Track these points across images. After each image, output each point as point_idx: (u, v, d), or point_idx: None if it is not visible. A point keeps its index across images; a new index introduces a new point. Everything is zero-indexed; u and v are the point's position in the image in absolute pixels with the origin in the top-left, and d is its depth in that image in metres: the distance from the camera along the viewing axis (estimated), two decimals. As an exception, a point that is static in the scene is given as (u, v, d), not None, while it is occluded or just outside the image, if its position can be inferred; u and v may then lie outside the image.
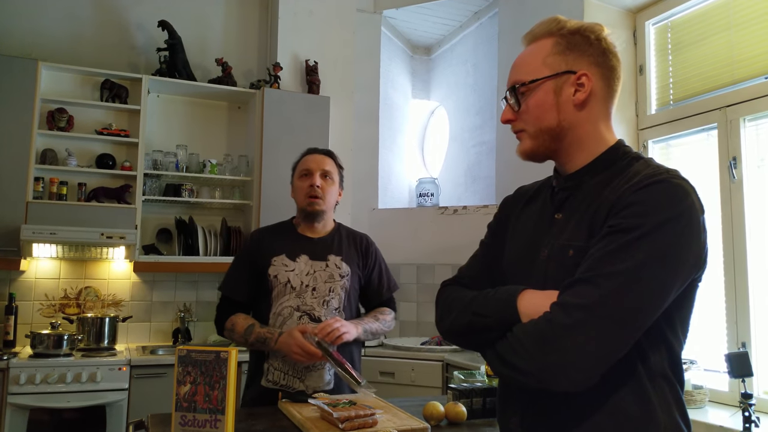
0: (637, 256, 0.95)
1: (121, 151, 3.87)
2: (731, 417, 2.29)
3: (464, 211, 4.26)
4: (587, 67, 1.11)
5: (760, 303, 2.48)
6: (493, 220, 1.36)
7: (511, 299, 1.08)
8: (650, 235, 0.96)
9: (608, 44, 1.13)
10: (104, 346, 3.50)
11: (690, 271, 1.01)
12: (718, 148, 2.68)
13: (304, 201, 2.19)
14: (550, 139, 1.14)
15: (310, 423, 1.63)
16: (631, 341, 0.98)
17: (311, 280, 2.13)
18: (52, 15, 3.88)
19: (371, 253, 2.30)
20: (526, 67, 1.16)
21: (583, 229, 1.07)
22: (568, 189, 1.16)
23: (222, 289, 2.21)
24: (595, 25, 1.15)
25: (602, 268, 0.97)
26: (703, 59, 2.88)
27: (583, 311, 0.96)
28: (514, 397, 1.16)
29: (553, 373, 0.97)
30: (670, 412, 1.04)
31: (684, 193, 1.00)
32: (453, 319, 1.18)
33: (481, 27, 4.69)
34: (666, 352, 1.05)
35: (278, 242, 2.19)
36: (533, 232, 1.20)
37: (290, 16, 4.30)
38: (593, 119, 1.13)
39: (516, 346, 1.02)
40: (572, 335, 0.96)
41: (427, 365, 3.55)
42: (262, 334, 2.03)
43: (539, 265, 1.13)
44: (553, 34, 1.15)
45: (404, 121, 5.11)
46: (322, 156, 2.26)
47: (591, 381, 0.97)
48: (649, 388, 1.03)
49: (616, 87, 1.15)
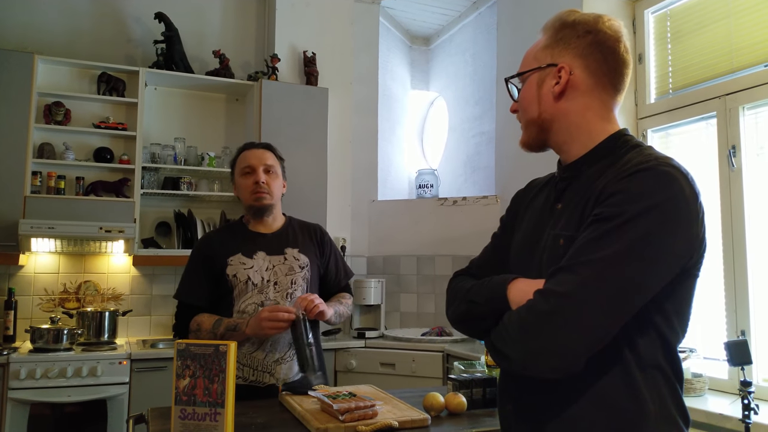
0: (617, 243, 0.96)
1: (118, 144, 3.85)
2: (731, 405, 2.29)
3: (464, 202, 4.25)
4: (570, 60, 1.13)
5: (760, 291, 2.48)
6: (505, 213, 1.39)
7: (501, 287, 1.11)
8: (631, 222, 0.96)
9: (602, 38, 1.12)
10: (104, 340, 3.50)
11: (677, 260, 1.00)
12: (718, 136, 2.67)
13: (250, 198, 2.17)
14: (537, 130, 1.18)
15: (310, 415, 1.63)
16: (613, 328, 0.98)
17: (271, 274, 2.13)
18: (48, 8, 3.85)
19: (326, 243, 2.31)
20: (524, 60, 1.21)
21: (575, 218, 1.08)
22: (567, 179, 1.17)
23: (178, 296, 2.16)
24: (590, 16, 1.14)
25: (582, 256, 0.98)
26: (702, 48, 2.87)
27: (560, 298, 0.97)
28: (509, 384, 1.19)
29: (535, 359, 0.99)
30: (663, 403, 1.04)
31: (670, 180, 0.98)
32: (455, 307, 1.23)
33: (480, 17, 4.67)
34: (659, 342, 1.04)
35: (231, 242, 2.17)
36: (536, 222, 1.22)
37: (288, 7, 4.28)
38: (578, 110, 1.14)
39: (503, 333, 1.05)
40: (550, 322, 0.97)
41: (427, 356, 3.55)
42: (231, 322, 2.03)
43: (537, 254, 1.15)
44: (549, 28, 1.18)
45: (403, 112, 5.10)
46: (262, 150, 2.23)
47: (574, 368, 0.98)
48: (638, 377, 1.02)
49: (611, 81, 1.14)
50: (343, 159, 4.40)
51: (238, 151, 2.27)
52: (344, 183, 4.41)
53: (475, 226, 4.15)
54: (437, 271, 4.25)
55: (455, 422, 1.73)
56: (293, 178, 2.52)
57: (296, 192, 3.55)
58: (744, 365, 1.96)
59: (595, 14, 1.15)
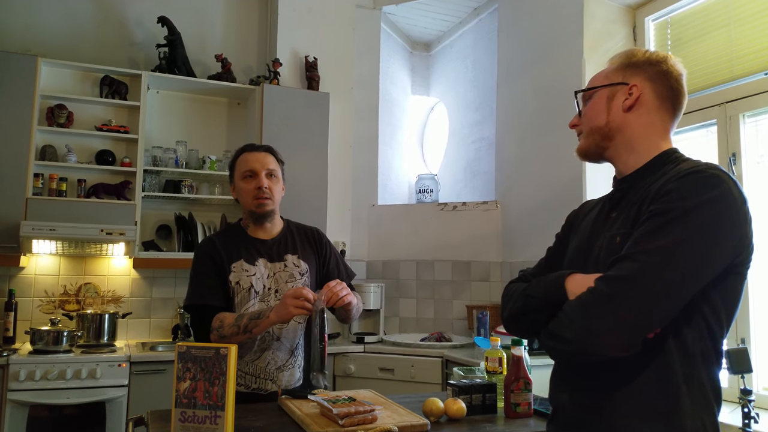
0: (674, 234, 1.06)
1: (120, 147, 3.86)
2: (731, 413, 2.29)
3: (464, 207, 4.25)
4: (641, 81, 1.27)
5: (760, 300, 2.48)
6: (560, 230, 1.51)
7: (559, 280, 1.21)
8: (685, 215, 1.07)
9: (669, 69, 1.27)
10: (104, 342, 3.51)
11: (728, 252, 1.09)
12: (718, 144, 2.68)
13: (252, 203, 2.11)
14: (600, 137, 1.31)
15: (309, 419, 1.63)
16: (669, 313, 1.07)
17: (273, 282, 2.10)
18: (52, 11, 3.87)
19: (324, 245, 2.26)
20: (593, 80, 1.36)
21: (631, 218, 1.19)
22: (623, 190, 1.29)
23: (196, 300, 2.05)
24: (661, 53, 1.31)
25: (641, 246, 1.09)
26: (703, 55, 2.88)
27: (622, 282, 1.07)
28: (564, 373, 1.29)
29: (595, 338, 1.08)
30: (702, 390, 1.13)
31: (718, 181, 1.10)
32: (511, 306, 1.32)
33: (480, 23, 4.68)
34: (707, 333, 1.13)
35: (233, 248, 2.11)
36: (591, 231, 1.33)
37: (290, 12, 4.30)
38: (642, 125, 1.27)
39: (562, 318, 1.14)
40: (612, 303, 1.07)
41: (426, 361, 3.55)
42: (255, 312, 1.96)
43: (593, 257, 1.26)
44: (621, 56, 1.33)
45: (404, 117, 5.11)
46: (264, 154, 2.15)
47: (630, 348, 1.08)
48: (678, 367, 1.11)
49: (672, 106, 1.28)
50: (343, 163, 4.41)
51: (237, 152, 2.19)
52: (344, 187, 4.41)
53: (474, 231, 4.16)
54: (437, 276, 4.25)
55: (455, 428, 1.72)
56: (294, 182, 2.50)
57: (297, 196, 3.56)
58: (744, 373, 1.96)
59: (664, 53, 1.32)
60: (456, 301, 4.18)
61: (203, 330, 2.05)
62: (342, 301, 1.93)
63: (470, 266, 4.14)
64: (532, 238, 3.66)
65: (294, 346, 2.09)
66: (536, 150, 3.63)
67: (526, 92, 3.82)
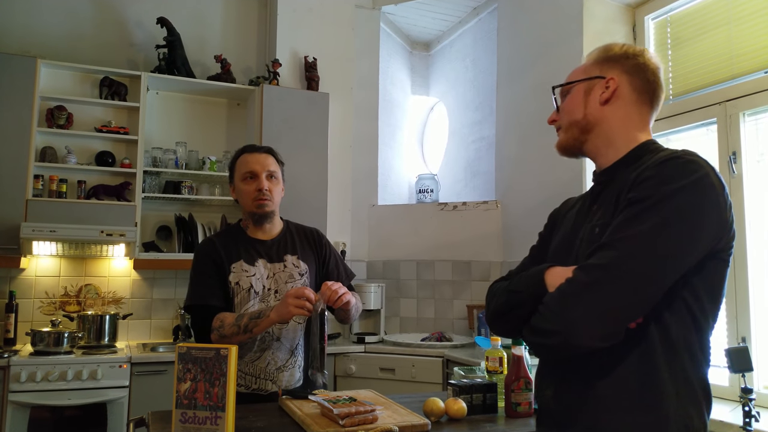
0: (652, 219, 1.05)
1: (120, 148, 3.86)
2: (731, 412, 2.29)
3: (464, 207, 4.25)
4: (618, 75, 1.27)
5: (760, 298, 2.48)
6: (543, 228, 1.51)
7: (539, 274, 1.20)
8: (663, 201, 1.06)
9: (646, 62, 1.28)
10: (105, 343, 3.51)
11: (709, 237, 1.08)
12: (718, 142, 2.68)
13: (252, 205, 2.11)
14: (578, 131, 1.31)
15: (310, 419, 1.63)
16: (651, 299, 1.06)
17: (272, 283, 2.10)
18: (51, 12, 3.87)
19: (324, 245, 2.26)
20: (571, 75, 1.36)
21: (610, 209, 1.19)
22: (602, 183, 1.29)
23: (196, 300, 2.05)
24: (637, 47, 1.31)
25: (619, 233, 1.07)
26: (703, 54, 2.88)
27: (601, 270, 1.06)
28: (547, 369, 1.29)
29: (577, 328, 1.06)
30: (688, 381, 1.11)
31: (696, 166, 1.09)
32: (495, 303, 1.31)
33: (480, 22, 4.68)
34: (691, 322, 1.12)
35: (233, 248, 2.11)
36: (573, 224, 1.34)
37: (289, 12, 4.30)
38: (620, 117, 1.27)
39: (543, 311, 1.13)
40: (591, 291, 1.05)
41: (427, 361, 3.55)
42: (255, 311, 1.96)
43: (574, 249, 1.26)
44: (598, 50, 1.34)
45: (403, 117, 5.11)
46: (265, 155, 2.15)
47: (613, 338, 1.06)
48: (664, 354, 1.10)
49: (650, 99, 1.28)
50: (343, 164, 4.41)
51: (237, 153, 2.19)
52: (344, 187, 4.41)
53: (475, 231, 4.15)
54: (437, 276, 4.25)
55: (455, 428, 1.72)
56: (294, 183, 2.50)
57: (297, 196, 3.56)
58: (745, 372, 1.95)
59: (641, 47, 1.32)
60: (456, 301, 4.18)
61: (204, 330, 2.05)
62: (341, 300, 1.93)
63: (470, 266, 4.14)
64: (532, 238, 3.63)
65: (294, 346, 2.10)
66: (536, 149, 3.63)
67: (526, 92, 3.82)
